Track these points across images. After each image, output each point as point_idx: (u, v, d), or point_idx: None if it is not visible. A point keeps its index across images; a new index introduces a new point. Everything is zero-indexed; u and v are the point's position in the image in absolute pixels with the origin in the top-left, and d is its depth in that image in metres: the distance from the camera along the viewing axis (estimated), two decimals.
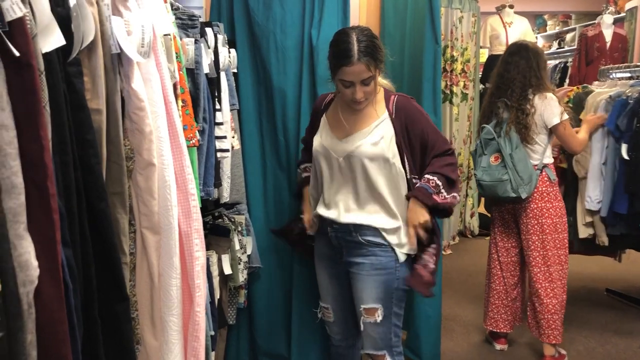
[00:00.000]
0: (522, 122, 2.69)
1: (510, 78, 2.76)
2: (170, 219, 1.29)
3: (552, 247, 2.76)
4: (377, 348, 2.01)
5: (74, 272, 0.98)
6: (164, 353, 1.31)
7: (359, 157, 1.96)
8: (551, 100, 2.69)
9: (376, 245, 1.98)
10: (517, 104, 2.72)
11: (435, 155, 1.98)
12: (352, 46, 1.82)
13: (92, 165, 1.10)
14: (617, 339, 3.18)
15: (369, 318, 1.98)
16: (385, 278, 1.97)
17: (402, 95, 2.06)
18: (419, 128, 1.97)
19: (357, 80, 1.86)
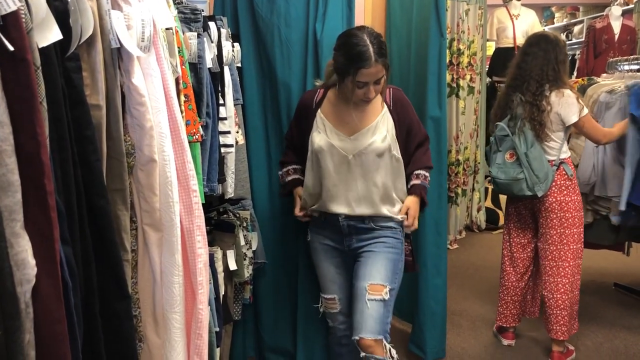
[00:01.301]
0: (537, 119, 2.64)
1: (528, 70, 2.70)
2: (172, 216, 1.28)
3: (571, 241, 2.73)
4: (376, 332, 1.96)
5: (74, 270, 0.97)
6: (166, 351, 1.30)
7: (371, 154, 2.03)
8: (568, 98, 2.63)
9: (387, 228, 2.11)
10: (532, 99, 2.66)
11: (417, 143, 2.15)
12: (368, 48, 1.86)
13: (92, 161, 1.08)
14: (625, 334, 3.15)
15: (374, 295, 1.98)
16: (394, 257, 2.09)
17: (395, 87, 2.16)
18: (408, 118, 2.12)
19: (372, 81, 1.91)
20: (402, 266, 2.12)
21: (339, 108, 2.08)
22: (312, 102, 2.17)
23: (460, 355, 2.95)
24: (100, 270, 1.09)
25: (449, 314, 2.82)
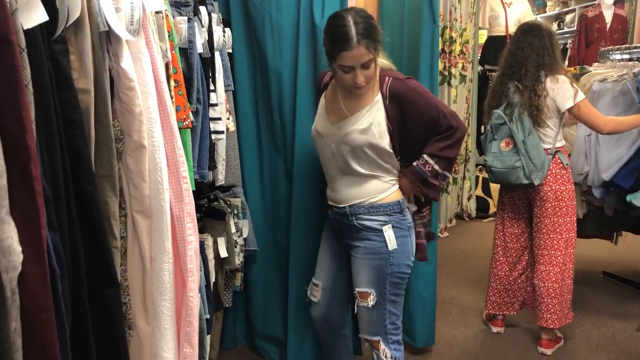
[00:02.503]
0: (535, 104, 2.63)
1: (524, 57, 2.69)
2: (162, 202, 1.26)
3: (564, 230, 2.74)
4: (371, 333, 1.99)
5: (61, 257, 0.95)
6: (156, 338, 1.29)
7: (349, 145, 1.91)
8: (563, 84, 2.63)
9: (371, 230, 1.95)
10: (531, 84, 2.65)
11: (436, 134, 1.91)
12: (350, 29, 1.73)
13: (80, 146, 1.06)
14: (613, 322, 3.18)
15: (363, 302, 1.96)
16: (378, 263, 1.93)
17: (397, 77, 1.92)
18: (418, 112, 1.88)
19: (357, 65, 1.77)
20: (392, 269, 1.93)
21: (336, 94, 1.98)
22: (321, 84, 2.13)
23: (450, 342, 2.97)
24: (89, 257, 1.08)
25: (439, 301, 2.83)
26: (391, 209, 1.95)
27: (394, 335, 1.99)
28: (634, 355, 2.80)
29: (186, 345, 1.31)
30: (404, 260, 1.95)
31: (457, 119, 1.92)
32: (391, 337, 1.98)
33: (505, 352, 2.86)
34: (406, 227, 1.98)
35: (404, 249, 1.95)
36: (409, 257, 1.98)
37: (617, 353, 2.83)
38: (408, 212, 2.01)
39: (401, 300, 2.01)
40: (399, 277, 1.96)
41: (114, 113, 1.24)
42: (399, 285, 1.97)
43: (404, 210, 1.98)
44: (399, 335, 2.01)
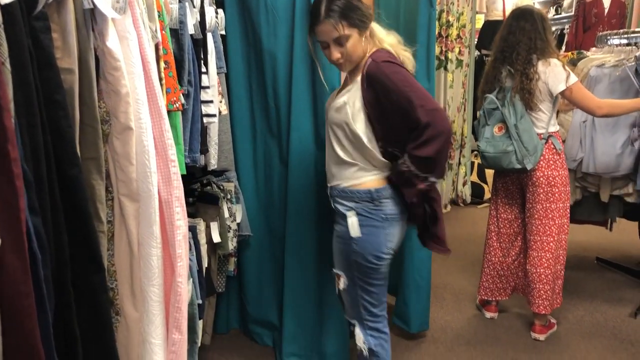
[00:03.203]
0: (526, 88, 2.61)
1: (516, 41, 2.66)
2: (150, 186, 1.23)
3: (557, 216, 2.73)
4: (350, 316, 1.98)
5: (43, 241, 0.92)
6: (144, 324, 1.27)
7: (329, 123, 1.91)
8: (555, 67, 2.60)
9: (339, 214, 1.91)
10: (522, 67, 2.63)
11: (411, 129, 1.73)
12: (321, 5, 1.75)
13: (63, 128, 1.03)
14: (606, 307, 3.19)
15: (337, 283, 1.97)
16: (343, 247, 1.91)
17: (375, 60, 1.79)
18: (389, 99, 1.75)
19: (329, 40, 1.77)
20: (356, 257, 1.87)
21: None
22: None
23: (443, 328, 2.97)
24: (73, 242, 1.05)
25: (433, 287, 2.82)
26: (360, 196, 1.86)
27: (370, 322, 1.94)
28: (626, 341, 2.81)
29: (175, 332, 1.29)
30: (369, 250, 1.86)
31: (432, 114, 1.69)
32: (367, 323, 1.94)
33: (498, 337, 2.86)
34: (379, 218, 1.85)
35: (370, 239, 1.86)
36: (379, 248, 1.86)
37: (610, 339, 2.83)
38: (388, 203, 1.86)
39: (377, 290, 1.93)
40: (366, 267, 1.88)
41: (99, 94, 1.20)
42: (368, 275, 1.89)
43: (376, 200, 1.85)
44: (377, 324, 1.96)
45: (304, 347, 2.53)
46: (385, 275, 1.95)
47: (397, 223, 1.89)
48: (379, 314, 1.96)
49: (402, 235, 1.96)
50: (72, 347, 1.04)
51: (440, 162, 1.75)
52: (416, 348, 2.69)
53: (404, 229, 1.95)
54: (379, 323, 1.96)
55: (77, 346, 1.03)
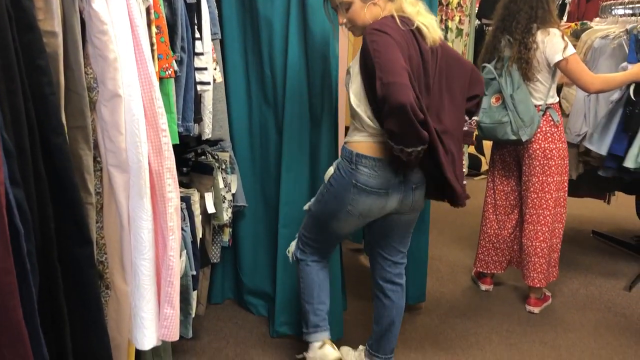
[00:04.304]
0: (524, 57, 2.56)
1: (517, 9, 2.60)
2: (140, 157, 1.18)
3: (553, 189, 2.70)
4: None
5: (26, 214, 0.88)
6: (135, 299, 1.24)
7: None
8: (554, 37, 2.54)
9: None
10: (520, 37, 2.57)
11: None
12: None
13: (46, 94, 0.97)
14: (601, 281, 3.19)
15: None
16: (322, 188, 2.05)
17: (369, 26, 1.80)
18: (369, 64, 1.74)
19: (336, 5, 1.87)
20: (317, 196, 2.05)
21: None
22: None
23: (439, 299, 2.97)
24: (59, 215, 1.00)
25: (428, 259, 2.81)
26: (344, 153, 1.95)
27: (301, 242, 2.17)
28: (620, 314, 2.81)
29: (167, 306, 1.26)
30: (330, 203, 1.99)
31: (386, 88, 1.64)
32: (300, 241, 2.17)
33: (493, 310, 2.86)
34: (348, 179, 1.91)
35: (336, 193, 1.96)
36: (337, 206, 1.96)
37: (604, 312, 2.84)
38: (365, 173, 1.89)
39: (312, 225, 2.10)
40: (320, 212, 2.05)
41: (86, 59, 1.14)
42: (318, 219, 2.07)
43: (354, 164, 1.89)
44: (306, 247, 2.16)
45: (297, 316, 2.52)
46: (335, 235, 2.10)
47: (366, 195, 1.92)
48: (311, 245, 2.15)
49: (372, 209, 1.97)
50: (58, 323, 1.01)
51: (406, 134, 1.70)
52: (410, 320, 2.70)
53: (378, 204, 1.95)
54: (307, 248, 2.16)
55: (64, 322, 1.01)
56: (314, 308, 2.17)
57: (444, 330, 2.67)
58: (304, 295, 2.20)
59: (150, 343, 1.29)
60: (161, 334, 1.27)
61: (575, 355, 2.46)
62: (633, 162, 2.76)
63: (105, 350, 1.17)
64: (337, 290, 2.47)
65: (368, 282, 2.81)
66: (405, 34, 1.83)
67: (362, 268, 3.31)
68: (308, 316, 2.17)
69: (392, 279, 2.18)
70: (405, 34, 1.82)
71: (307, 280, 2.19)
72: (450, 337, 2.61)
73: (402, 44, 1.78)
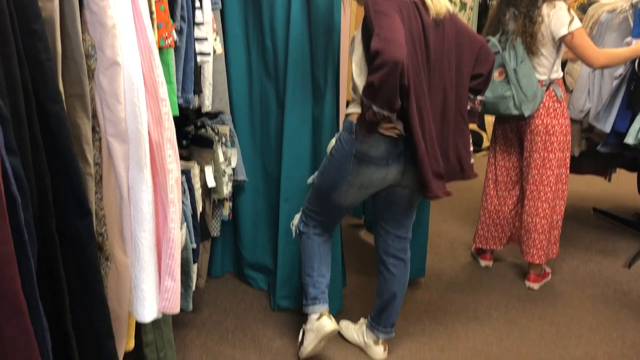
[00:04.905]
0: (529, 31, 2.52)
1: None
2: (139, 127, 1.16)
3: (555, 165, 2.68)
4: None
5: (23, 183, 0.86)
6: (136, 271, 1.22)
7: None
8: (559, 10, 2.49)
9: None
10: (526, 10, 2.53)
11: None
12: None
13: (42, 61, 0.94)
14: (600, 258, 3.20)
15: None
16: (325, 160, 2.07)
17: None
18: (369, 27, 1.75)
19: None
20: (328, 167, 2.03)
21: None
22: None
23: (438, 275, 2.97)
24: (57, 184, 0.98)
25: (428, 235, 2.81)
26: (345, 125, 1.96)
27: (305, 215, 2.20)
28: (619, 291, 2.82)
29: (167, 278, 1.25)
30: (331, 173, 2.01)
31: (383, 43, 1.65)
32: (304, 214, 2.20)
33: (492, 286, 2.87)
34: (348, 150, 1.93)
35: (337, 164, 1.98)
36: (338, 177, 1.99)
37: (604, 288, 2.85)
38: (365, 143, 1.90)
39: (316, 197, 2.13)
40: (317, 176, 2.09)
41: (83, 26, 1.11)
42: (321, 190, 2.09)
43: (355, 133, 1.91)
44: (309, 220, 2.19)
45: (297, 290, 2.52)
46: (337, 207, 2.11)
47: (366, 165, 1.94)
48: (312, 217, 2.17)
49: (373, 180, 1.98)
50: (58, 294, 0.99)
51: (382, 91, 1.70)
52: (409, 295, 2.70)
53: (379, 175, 1.96)
54: (309, 221, 2.19)
55: (63, 294, 0.99)
56: (313, 281, 2.17)
57: (443, 305, 2.67)
58: (305, 268, 2.20)
59: (151, 315, 1.28)
60: (162, 307, 1.26)
61: (574, 330, 2.47)
62: (633, 138, 2.74)
63: (105, 322, 1.16)
64: (337, 265, 2.47)
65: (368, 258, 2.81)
66: (408, 5, 1.81)
67: (362, 244, 3.31)
68: (307, 288, 2.18)
69: (395, 253, 2.18)
70: (407, 5, 1.80)
71: (308, 252, 2.19)
72: (449, 312, 2.62)
73: (403, 13, 1.77)
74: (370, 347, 2.27)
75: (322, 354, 2.21)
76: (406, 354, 2.30)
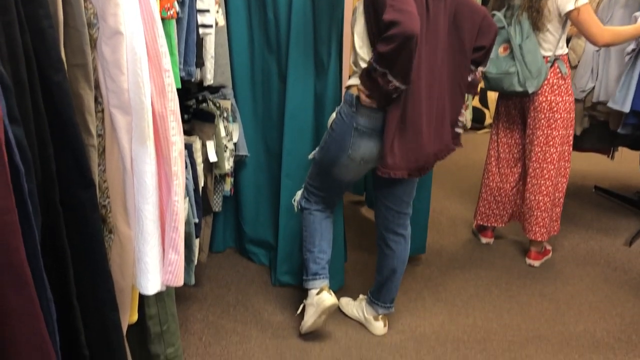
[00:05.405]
0: (535, 6, 2.48)
1: None
2: (142, 98, 1.14)
3: (558, 143, 2.67)
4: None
5: (27, 153, 0.85)
6: (139, 244, 1.22)
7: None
8: None
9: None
10: None
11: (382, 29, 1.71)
12: None
13: (44, 28, 0.92)
14: (601, 236, 3.20)
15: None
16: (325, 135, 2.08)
17: None
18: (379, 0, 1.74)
19: None
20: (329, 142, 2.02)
21: None
22: None
23: (439, 252, 2.98)
24: (60, 155, 0.97)
25: (430, 212, 2.80)
26: (346, 98, 1.95)
27: (306, 191, 2.21)
28: (619, 269, 2.83)
29: (171, 252, 1.24)
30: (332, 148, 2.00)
31: (398, 14, 1.64)
32: (306, 190, 2.22)
33: (493, 262, 2.88)
34: (349, 123, 1.93)
35: (337, 137, 1.97)
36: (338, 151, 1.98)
37: (604, 266, 2.86)
38: (365, 114, 1.90)
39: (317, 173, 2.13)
40: (318, 151, 2.09)
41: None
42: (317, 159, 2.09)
43: (356, 106, 1.90)
44: (311, 196, 2.20)
45: (298, 266, 2.53)
46: (338, 182, 2.11)
47: (368, 138, 1.94)
48: (314, 193, 2.18)
49: (374, 153, 1.97)
50: (62, 266, 0.99)
51: (399, 61, 1.70)
52: (410, 271, 2.71)
53: (380, 149, 1.95)
54: (311, 197, 2.20)
55: (67, 265, 0.99)
56: (314, 256, 2.18)
57: (444, 281, 2.69)
58: (306, 243, 2.20)
59: (155, 288, 1.28)
60: (166, 279, 1.26)
61: (574, 307, 2.49)
62: None
63: (110, 294, 1.16)
64: (338, 241, 2.47)
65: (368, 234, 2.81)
66: None
67: (363, 220, 3.31)
68: (308, 264, 2.18)
69: (395, 229, 2.18)
70: None
71: (310, 228, 2.19)
72: (449, 288, 2.63)
73: None
74: (370, 322, 2.28)
75: (323, 329, 2.23)
76: (406, 329, 2.31)
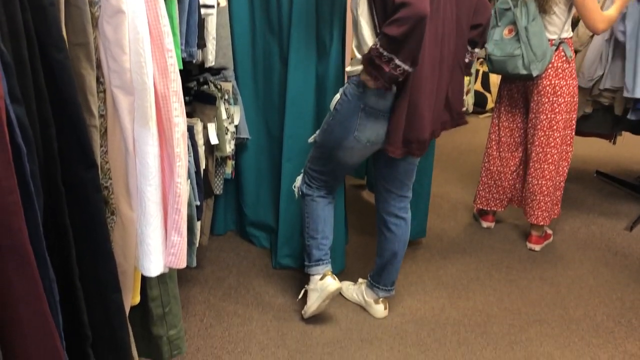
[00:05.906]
0: None
1: None
2: (144, 78, 1.12)
3: (561, 127, 2.65)
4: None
5: (28, 133, 0.84)
6: (142, 225, 1.21)
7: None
8: None
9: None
10: None
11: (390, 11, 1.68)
12: None
13: (45, 5, 0.90)
14: (602, 220, 3.20)
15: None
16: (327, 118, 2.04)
17: None
18: None
19: None
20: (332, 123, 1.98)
21: None
22: None
23: (440, 236, 2.98)
24: (62, 136, 0.96)
25: (431, 196, 2.80)
26: (352, 79, 1.91)
27: (307, 176, 2.17)
28: (620, 254, 2.84)
29: (174, 234, 1.24)
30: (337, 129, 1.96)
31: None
32: (306, 175, 2.18)
33: (493, 246, 2.88)
34: (356, 104, 1.90)
35: (342, 119, 1.94)
36: (345, 132, 1.94)
37: (604, 251, 2.86)
38: (372, 95, 1.86)
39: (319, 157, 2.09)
40: (320, 134, 2.05)
41: None
42: (318, 142, 2.06)
43: (363, 86, 1.86)
44: (312, 181, 2.16)
45: (299, 248, 2.54)
46: (341, 166, 2.08)
47: (375, 119, 1.91)
48: (317, 178, 2.15)
49: (380, 135, 1.94)
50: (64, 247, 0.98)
51: (407, 45, 1.67)
52: (411, 255, 2.71)
53: (383, 129, 1.93)
54: (313, 182, 2.17)
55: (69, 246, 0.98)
56: (317, 243, 2.17)
57: (445, 265, 2.69)
58: (308, 230, 2.19)
59: (157, 270, 1.28)
60: (168, 261, 1.26)
61: (574, 292, 2.50)
62: None
63: (112, 275, 1.16)
64: (339, 224, 2.47)
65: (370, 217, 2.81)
66: None
67: (364, 203, 3.31)
68: (311, 250, 2.18)
69: (396, 212, 2.17)
70: None
71: (312, 215, 2.18)
72: (450, 272, 2.64)
73: None
74: (370, 305, 2.29)
75: (325, 312, 2.23)
76: (407, 312, 2.32)
